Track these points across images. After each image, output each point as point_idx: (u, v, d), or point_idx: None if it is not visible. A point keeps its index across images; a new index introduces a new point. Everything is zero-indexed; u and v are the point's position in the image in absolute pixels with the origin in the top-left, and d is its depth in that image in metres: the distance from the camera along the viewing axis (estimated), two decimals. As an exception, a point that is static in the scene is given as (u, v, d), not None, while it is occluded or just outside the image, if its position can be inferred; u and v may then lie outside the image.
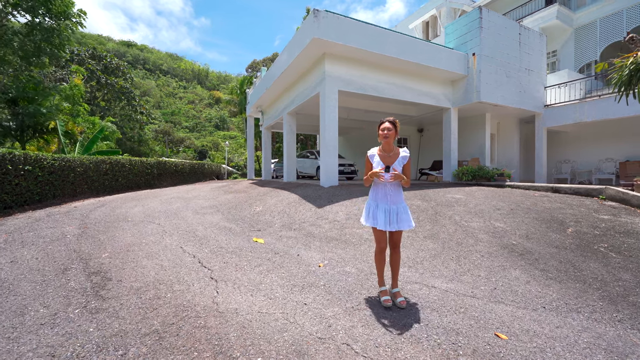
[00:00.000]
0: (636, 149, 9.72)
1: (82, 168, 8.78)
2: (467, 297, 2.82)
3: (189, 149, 48.37)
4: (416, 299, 2.72)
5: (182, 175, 16.23)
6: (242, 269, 3.25)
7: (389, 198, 2.55)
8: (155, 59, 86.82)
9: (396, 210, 2.53)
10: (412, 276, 3.24)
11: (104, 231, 4.82)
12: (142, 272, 3.12)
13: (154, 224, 5.48)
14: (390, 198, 2.55)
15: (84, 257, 3.54)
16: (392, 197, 2.56)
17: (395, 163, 2.55)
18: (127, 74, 35.43)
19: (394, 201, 2.55)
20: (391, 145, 2.60)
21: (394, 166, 2.53)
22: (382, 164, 2.56)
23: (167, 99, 72.50)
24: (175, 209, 7.16)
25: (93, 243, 4.13)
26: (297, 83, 9.46)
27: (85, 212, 6.48)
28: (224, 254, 3.75)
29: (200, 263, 3.40)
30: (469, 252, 3.94)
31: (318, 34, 6.64)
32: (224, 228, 5.23)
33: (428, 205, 5.95)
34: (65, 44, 12.03)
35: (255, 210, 6.57)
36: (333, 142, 7.63)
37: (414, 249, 4.07)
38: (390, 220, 2.51)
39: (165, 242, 4.25)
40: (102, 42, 73.40)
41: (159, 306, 2.41)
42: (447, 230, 4.70)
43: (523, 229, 4.74)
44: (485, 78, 8.88)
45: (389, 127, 2.55)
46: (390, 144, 2.59)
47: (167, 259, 3.52)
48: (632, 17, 11.81)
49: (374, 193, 2.63)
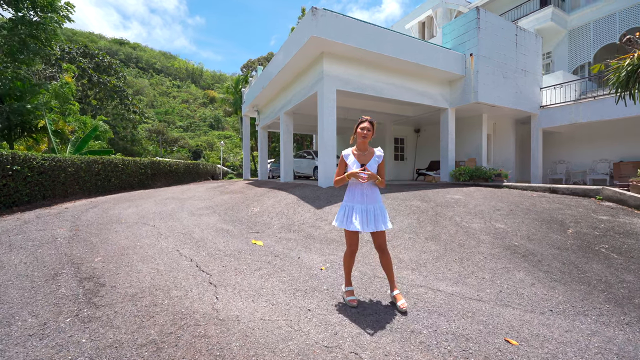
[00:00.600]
0: (630, 149, 9.83)
1: (74, 168, 8.55)
2: (473, 301, 2.76)
3: (183, 149, 47.87)
4: (422, 303, 2.65)
5: (177, 176, 15.99)
6: (242, 273, 3.14)
7: (366, 198, 2.51)
8: (149, 57, 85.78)
9: (373, 211, 2.49)
10: (416, 279, 3.18)
11: (96, 234, 4.66)
12: (137, 277, 2.99)
13: (149, 225, 5.33)
14: (367, 198, 2.51)
15: (76, 261, 3.40)
16: (369, 197, 2.52)
17: (370, 162, 2.54)
18: (120, 73, 34.87)
19: (370, 201, 2.51)
20: (367, 145, 2.59)
21: (368, 165, 2.51)
22: (358, 163, 2.53)
23: (161, 98, 71.66)
24: (170, 210, 7.00)
25: (85, 246, 3.98)
26: (294, 82, 9.36)
27: (76, 214, 6.29)
28: (223, 257, 3.64)
29: (198, 267, 3.28)
30: (471, 254, 3.89)
31: (316, 32, 6.55)
32: (221, 230, 5.11)
33: (428, 206, 5.90)
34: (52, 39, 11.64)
35: (253, 212, 6.46)
36: (331, 142, 7.55)
37: (416, 251, 4.01)
38: (368, 220, 2.46)
39: (161, 244, 4.12)
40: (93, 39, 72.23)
41: (156, 314, 2.30)
42: (448, 232, 4.65)
43: (524, 230, 4.72)
44: (483, 79, 8.89)
45: (368, 127, 2.53)
46: (366, 143, 2.57)
47: (163, 262, 3.39)
48: (625, 19, 11.97)
49: (350, 194, 2.57)
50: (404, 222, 5.11)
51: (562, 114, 10.00)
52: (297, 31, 7.38)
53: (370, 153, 2.59)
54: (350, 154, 2.61)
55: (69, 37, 62.16)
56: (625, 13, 11.97)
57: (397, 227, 4.92)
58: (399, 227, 4.92)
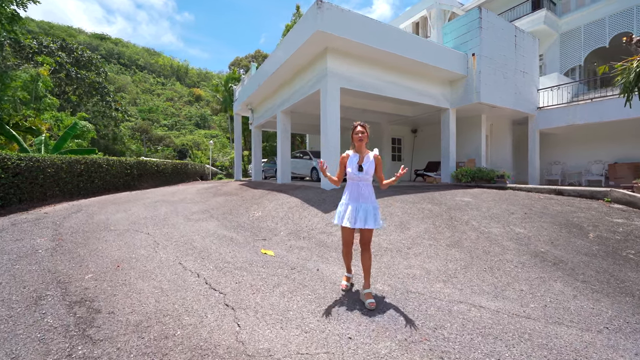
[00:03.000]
0: (624, 151, 10.00)
1: (54, 169, 7.85)
2: (522, 319, 2.49)
3: (168, 148, 46.36)
4: (471, 324, 2.36)
5: (164, 176, 15.26)
6: (260, 291, 2.76)
7: (362, 197, 2.65)
8: (131, 53, 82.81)
9: (365, 209, 2.60)
10: (452, 294, 2.89)
11: (83, 244, 4.15)
12: (138, 298, 2.56)
13: (142, 233, 4.84)
14: (362, 197, 2.65)
15: (62, 279, 2.92)
16: (364, 196, 2.66)
17: (366, 162, 2.69)
18: (101, 68, 33.24)
19: (365, 200, 2.65)
20: (363, 147, 2.76)
21: (364, 164, 2.66)
22: (356, 164, 2.69)
23: (144, 95, 69.29)
24: (163, 215, 6.48)
25: (72, 260, 3.48)
26: (293, 80, 8.96)
27: (58, 220, 5.69)
28: (233, 271, 3.24)
29: (207, 284, 2.88)
30: (500, 262, 3.65)
31: (322, 26, 6.20)
32: (224, 237, 4.68)
33: (440, 210, 5.67)
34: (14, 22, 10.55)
35: (255, 216, 6.04)
36: (335, 142, 7.23)
37: (441, 260, 3.73)
38: (357, 218, 2.57)
39: (160, 256, 3.67)
40: (72, 34, 68.96)
41: (169, 350, 1.90)
42: (469, 237, 4.41)
43: (545, 234, 4.54)
44: (485, 79, 8.79)
45: (362, 130, 2.73)
46: (363, 146, 2.75)
47: (166, 279, 2.96)
48: (615, 24, 12.23)
49: (348, 192, 2.73)
50: (420, 227, 4.84)
51: (560, 116, 10.07)
52: (300, 26, 7.01)
53: (367, 154, 2.75)
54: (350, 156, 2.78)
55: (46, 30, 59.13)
56: (615, 18, 12.23)
57: (413, 232, 4.65)
58: (415, 232, 4.64)
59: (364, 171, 2.63)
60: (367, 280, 2.66)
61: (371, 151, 2.79)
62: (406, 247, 4.12)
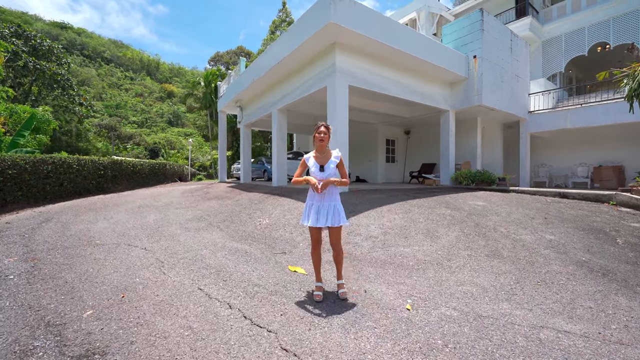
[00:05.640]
0: (608, 154, 10.49)
1: (15, 170, 6.74)
2: (616, 345, 2.21)
3: (139, 147, 43.48)
4: (575, 356, 2.02)
5: (141, 177, 14.04)
6: (316, 326, 2.26)
7: (324, 197, 2.70)
8: (96, 44, 76.97)
9: (327, 208, 2.67)
10: (526, 316, 2.56)
11: (67, 265, 3.38)
12: (166, 347, 1.96)
13: (138, 248, 4.11)
14: (325, 196, 2.70)
15: (52, 320, 2.23)
16: (327, 195, 2.71)
17: (328, 163, 2.72)
18: (63, 59, 30.35)
19: (327, 199, 2.70)
20: (325, 148, 2.77)
21: (327, 166, 2.70)
22: (318, 164, 2.73)
23: (111, 90, 64.65)
24: (153, 223, 5.71)
25: (58, 289, 2.76)
26: (293, 76, 8.41)
27: (26, 232, 4.77)
28: (269, 297, 2.71)
29: (246, 318, 2.33)
30: (549, 274, 3.41)
31: (334, 18, 5.75)
32: (237, 251, 4.09)
33: (461, 215, 5.42)
34: None
35: (262, 224, 5.46)
36: (343, 141, 6.81)
37: (488, 273, 3.43)
38: (319, 218, 2.64)
39: (171, 280, 3.03)
40: (27, 20, 62.69)
41: None
42: (505, 246, 4.17)
43: (576, 241, 4.41)
44: (486, 81, 8.79)
45: (324, 130, 2.74)
46: (324, 146, 2.75)
47: (192, 314, 2.37)
48: (594, 34, 12.88)
49: (311, 193, 2.77)
50: (449, 235, 4.53)
51: (551, 120, 10.36)
52: (308, 17, 6.50)
53: (329, 155, 2.77)
54: (311, 156, 2.81)
55: (-6, 14, 53.35)
56: (594, 28, 12.88)
57: (445, 241, 4.33)
58: (447, 241, 4.33)
59: (325, 171, 2.68)
60: (340, 273, 2.84)
61: (333, 150, 2.83)
62: (445, 259, 3.78)
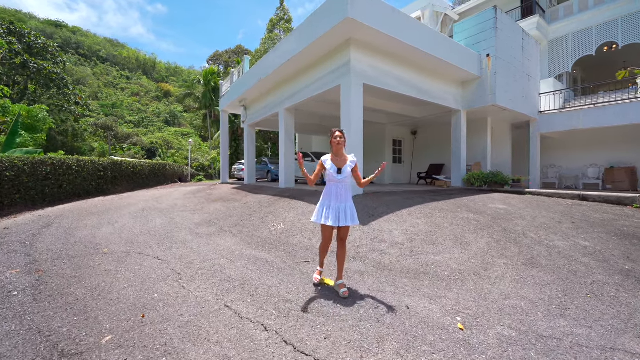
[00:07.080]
0: (619, 155, 10.34)
1: (14, 172, 6.39)
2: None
3: (135, 146, 42.89)
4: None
5: (141, 178, 13.72)
6: (366, 351, 2.00)
7: (340, 197, 2.86)
8: (92, 43, 76.04)
9: (344, 208, 2.84)
10: (589, 335, 2.32)
11: (76, 278, 3.09)
12: (201, 380, 1.69)
13: (150, 257, 3.82)
14: (341, 198, 2.86)
15: (66, 348, 1.94)
16: (342, 196, 2.87)
17: (345, 166, 2.87)
18: (59, 57, 29.75)
19: (343, 200, 2.86)
20: (342, 151, 2.93)
21: (343, 169, 2.85)
22: (335, 167, 2.86)
23: (107, 89, 63.84)
24: (160, 228, 5.41)
25: (69, 308, 2.47)
26: (303, 74, 8.14)
27: (27, 238, 4.45)
28: (305, 317, 2.44)
29: (287, 343, 2.06)
30: (596, 285, 3.18)
31: (352, 13, 5.50)
32: (257, 260, 3.81)
33: (485, 220, 5.19)
34: None
35: (277, 229, 5.18)
36: (358, 142, 6.53)
37: (530, 284, 3.19)
38: (339, 217, 2.80)
39: (193, 295, 2.75)
40: (21, 19, 61.53)
41: None
42: (540, 254, 3.94)
43: (612, 247, 4.20)
44: (500, 80, 8.58)
45: (340, 135, 2.91)
46: (341, 150, 2.92)
47: (225, 338, 2.09)
48: (601, 33, 12.75)
49: (326, 194, 2.91)
50: (480, 242, 4.30)
51: (562, 120, 10.19)
52: (322, 12, 6.23)
53: (345, 159, 2.93)
54: (328, 159, 2.94)
55: (-13, 11, 52.43)
56: (601, 28, 12.75)
57: (476, 248, 4.10)
58: (478, 248, 4.10)
59: (342, 174, 2.83)
60: (341, 273, 2.95)
61: (348, 155, 2.98)
62: (482, 269, 3.54)
